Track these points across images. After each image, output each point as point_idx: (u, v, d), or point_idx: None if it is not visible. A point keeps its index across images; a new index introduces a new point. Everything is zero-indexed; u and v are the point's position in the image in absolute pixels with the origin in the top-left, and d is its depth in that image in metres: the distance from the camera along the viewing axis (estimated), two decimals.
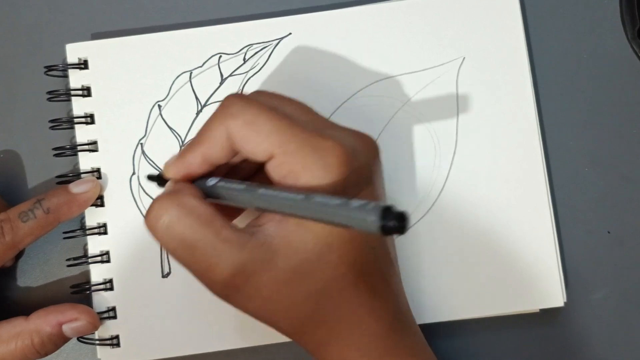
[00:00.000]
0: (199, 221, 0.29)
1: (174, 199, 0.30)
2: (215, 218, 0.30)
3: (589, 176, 0.41)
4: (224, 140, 0.31)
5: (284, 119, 0.30)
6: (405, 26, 0.40)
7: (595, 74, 0.41)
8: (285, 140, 0.30)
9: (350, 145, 0.31)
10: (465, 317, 0.39)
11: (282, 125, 0.30)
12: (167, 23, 0.42)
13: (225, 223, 0.30)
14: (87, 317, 0.37)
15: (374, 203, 0.26)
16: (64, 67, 0.40)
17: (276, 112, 0.30)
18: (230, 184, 0.31)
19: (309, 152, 0.30)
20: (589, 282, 0.40)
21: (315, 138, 0.30)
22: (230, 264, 0.29)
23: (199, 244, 0.29)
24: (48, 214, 0.37)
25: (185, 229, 0.29)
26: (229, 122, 0.30)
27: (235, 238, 0.29)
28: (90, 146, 0.40)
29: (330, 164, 0.29)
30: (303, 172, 0.30)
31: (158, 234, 0.30)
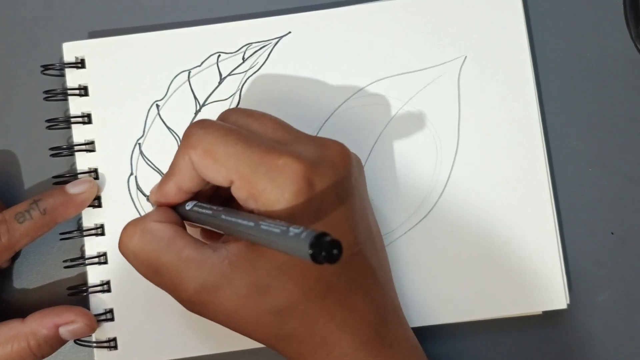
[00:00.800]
0: (160, 244, 0.31)
1: (138, 225, 0.32)
2: (177, 239, 0.31)
3: (592, 176, 0.41)
4: (190, 170, 0.32)
5: (240, 142, 0.31)
6: (406, 25, 0.40)
7: (599, 73, 0.41)
8: (240, 164, 0.30)
9: (311, 158, 0.31)
10: (467, 319, 0.38)
11: (237, 149, 0.30)
12: (166, 22, 0.42)
13: (187, 243, 0.31)
14: (84, 319, 0.37)
15: (306, 232, 0.26)
16: (60, 66, 0.40)
17: (234, 135, 0.31)
18: (202, 208, 0.33)
19: (263, 173, 0.30)
20: (592, 283, 0.40)
21: (269, 156, 0.30)
22: (193, 281, 0.31)
23: (164, 267, 0.31)
24: (44, 214, 0.37)
25: (149, 254, 0.32)
26: (190, 153, 0.31)
27: (196, 256, 0.31)
28: (88, 146, 0.39)
29: (284, 183, 0.30)
30: (259, 194, 0.30)
31: (128, 259, 0.33)
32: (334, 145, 0.32)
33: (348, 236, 0.32)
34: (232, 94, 0.40)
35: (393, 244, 0.39)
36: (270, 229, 0.28)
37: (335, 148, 0.32)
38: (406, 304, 0.38)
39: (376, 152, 0.39)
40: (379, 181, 0.37)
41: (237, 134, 0.31)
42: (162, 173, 0.40)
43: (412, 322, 0.38)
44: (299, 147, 0.31)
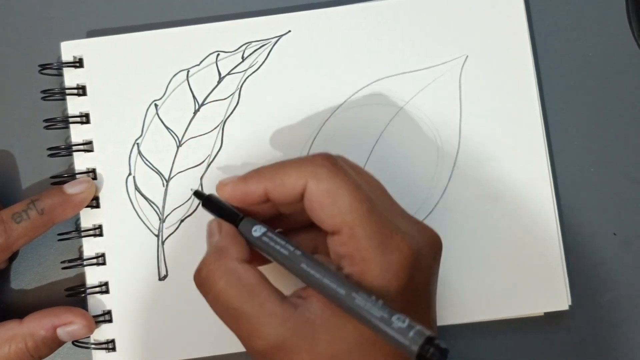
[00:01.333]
0: (244, 292, 0.30)
1: (222, 264, 0.31)
2: (261, 288, 0.30)
3: (594, 177, 0.41)
4: (296, 192, 0.31)
5: (365, 201, 0.30)
6: (407, 24, 0.40)
7: (601, 73, 0.41)
8: (357, 224, 0.30)
9: (417, 245, 0.31)
10: (468, 320, 0.38)
11: (360, 208, 0.30)
12: (164, 20, 0.42)
13: (270, 294, 0.30)
14: (82, 321, 0.37)
15: (416, 329, 0.27)
16: (58, 66, 0.40)
17: (358, 190, 0.31)
18: (274, 242, 0.32)
19: (375, 246, 0.30)
20: (594, 285, 0.40)
21: (385, 231, 0.30)
22: (272, 337, 0.30)
23: (244, 315, 0.30)
24: (42, 215, 0.37)
25: (232, 299, 0.30)
26: (310, 181, 0.31)
27: (279, 312, 0.30)
28: (86, 146, 0.39)
29: (391, 263, 0.30)
30: (362, 262, 0.30)
31: (207, 298, 0.31)
32: (432, 233, 0.33)
33: (429, 323, 0.32)
34: (231, 94, 0.40)
35: None
36: (368, 307, 0.28)
37: (433, 238, 0.32)
38: None
39: (376, 153, 0.39)
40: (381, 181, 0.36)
41: (365, 192, 0.31)
42: (160, 173, 0.40)
43: None
44: (406, 226, 0.31)
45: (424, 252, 0.31)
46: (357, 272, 0.30)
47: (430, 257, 0.32)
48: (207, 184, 0.39)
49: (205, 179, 0.39)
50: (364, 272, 0.30)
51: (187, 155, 0.40)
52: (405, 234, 0.31)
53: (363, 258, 0.30)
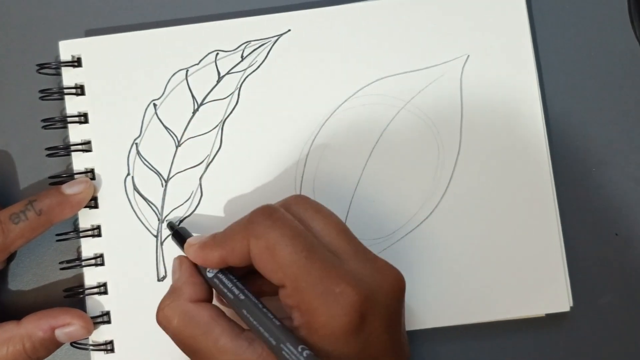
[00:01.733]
0: (198, 330, 0.32)
1: (176, 308, 0.33)
2: (214, 325, 0.32)
3: (596, 177, 0.41)
4: (244, 253, 0.32)
5: (305, 250, 0.31)
6: (408, 23, 0.40)
7: (603, 72, 0.41)
8: (299, 276, 0.30)
9: (368, 289, 0.31)
10: (469, 321, 0.38)
11: (299, 259, 0.30)
12: (163, 19, 0.42)
13: (223, 330, 0.32)
14: (81, 322, 0.37)
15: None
16: (56, 65, 0.40)
17: (300, 240, 0.31)
18: (222, 284, 0.34)
19: (319, 295, 0.30)
20: (595, 285, 0.40)
21: (328, 279, 0.30)
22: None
23: (200, 352, 0.32)
24: (40, 215, 0.37)
25: (187, 338, 0.32)
26: (251, 241, 0.32)
27: (231, 348, 0.31)
28: (84, 146, 0.39)
29: (337, 313, 0.30)
30: (307, 313, 0.30)
31: (168, 335, 0.34)
32: (390, 273, 0.33)
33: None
34: (230, 93, 0.40)
35: (393, 247, 0.39)
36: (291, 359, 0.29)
37: (392, 277, 0.32)
38: (407, 307, 0.38)
39: (377, 153, 0.39)
40: (380, 183, 0.37)
41: (304, 240, 0.31)
42: (159, 173, 0.39)
43: (413, 325, 0.38)
44: (357, 268, 0.31)
45: (379, 295, 0.31)
46: (305, 324, 0.31)
47: (390, 298, 0.32)
48: (206, 184, 0.39)
49: (205, 180, 0.39)
50: (310, 322, 0.30)
51: (186, 155, 0.40)
52: (353, 278, 0.31)
53: (308, 309, 0.30)
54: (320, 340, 0.30)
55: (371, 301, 0.31)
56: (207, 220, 0.39)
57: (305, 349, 0.29)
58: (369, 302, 0.31)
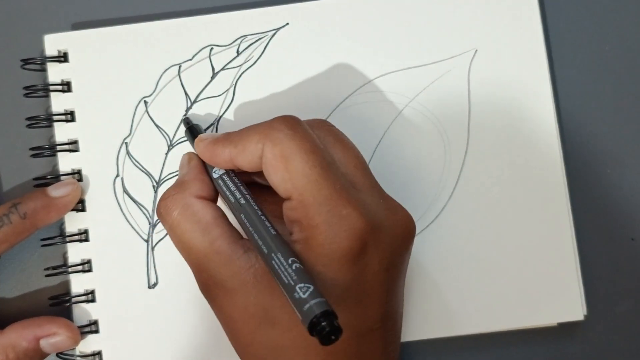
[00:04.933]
0: (197, 227, 0.32)
1: (180, 197, 0.33)
2: (214, 226, 0.32)
3: (611, 178, 0.41)
4: (255, 157, 0.32)
5: (318, 166, 0.31)
6: (412, 15, 0.40)
7: (618, 68, 0.41)
8: (308, 189, 0.30)
9: (376, 220, 0.31)
10: (477, 331, 0.38)
11: (312, 173, 0.31)
12: (155, 12, 0.41)
13: (221, 233, 0.32)
14: (67, 332, 0.37)
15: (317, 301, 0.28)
16: (41, 60, 0.40)
17: (317, 156, 0.31)
18: (226, 186, 0.34)
19: (324, 213, 0.30)
20: (611, 293, 0.40)
21: (338, 199, 0.30)
22: (215, 274, 0.32)
23: (194, 249, 0.32)
24: (24, 219, 0.37)
25: (184, 233, 0.33)
26: (266, 145, 0.32)
27: (226, 251, 0.32)
28: (71, 146, 0.39)
29: (338, 235, 0.30)
30: (308, 229, 0.30)
31: (165, 227, 0.34)
32: (403, 215, 0.33)
33: (373, 312, 0.32)
34: (225, 90, 0.40)
35: None
36: (281, 272, 0.29)
37: (403, 219, 0.33)
38: (414, 316, 0.38)
39: (380, 152, 0.39)
40: (383, 184, 0.36)
41: (321, 156, 0.31)
42: (150, 175, 0.39)
43: (420, 335, 0.38)
44: (369, 199, 0.32)
45: (385, 230, 0.31)
46: (304, 239, 0.31)
47: (396, 238, 0.32)
48: None
49: None
50: (309, 239, 0.30)
51: (179, 155, 0.39)
52: (363, 206, 0.31)
53: (310, 225, 0.30)
54: (315, 258, 0.30)
55: (376, 233, 0.31)
56: None
57: (296, 262, 0.29)
58: (373, 234, 0.31)
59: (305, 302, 0.28)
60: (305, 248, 0.31)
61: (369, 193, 0.32)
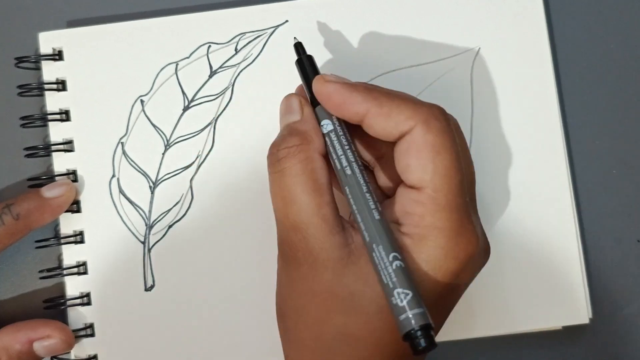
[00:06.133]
0: (311, 185, 0.31)
1: (305, 148, 0.31)
2: (327, 191, 0.31)
3: (616, 179, 0.40)
4: (397, 130, 0.30)
5: (461, 172, 0.30)
6: (414, 13, 0.40)
7: (624, 67, 0.41)
8: (446, 191, 0.30)
9: (480, 246, 0.31)
10: (482, 335, 0.38)
11: (456, 177, 0.30)
12: (151, 9, 0.41)
13: (330, 201, 0.31)
14: (61, 335, 0.37)
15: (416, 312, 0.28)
16: (36, 58, 0.40)
17: (458, 159, 0.30)
18: (333, 146, 0.32)
19: (454, 221, 0.30)
20: (616, 296, 0.40)
21: (465, 214, 0.30)
22: (310, 239, 0.30)
23: (298, 205, 0.31)
24: (18, 220, 0.37)
25: (296, 185, 0.31)
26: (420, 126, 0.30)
27: (331, 221, 0.30)
28: (66, 146, 0.39)
29: (456, 250, 0.30)
30: (428, 229, 0.30)
31: (272, 172, 0.32)
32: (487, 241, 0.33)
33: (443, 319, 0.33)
34: (223, 89, 0.40)
35: None
36: (379, 267, 0.29)
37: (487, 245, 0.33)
38: None
39: None
40: None
41: (462, 163, 0.31)
42: (147, 175, 0.39)
43: None
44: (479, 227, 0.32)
45: (479, 255, 0.31)
46: (418, 236, 0.30)
47: (480, 263, 0.32)
48: (197, 186, 0.39)
49: (196, 181, 0.39)
50: (425, 238, 0.30)
51: (175, 155, 0.39)
52: (479, 226, 0.31)
53: (433, 225, 0.29)
54: (423, 261, 0.30)
55: (476, 259, 0.31)
56: (199, 224, 0.39)
57: (398, 258, 0.29)
58: (474, 259, 0.31)
59: (404, 310, 0.28)
60: (416, 246, 0.30)
61: (475, 215, 0.32)
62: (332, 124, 0.32)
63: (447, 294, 0.30)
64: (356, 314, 0.30)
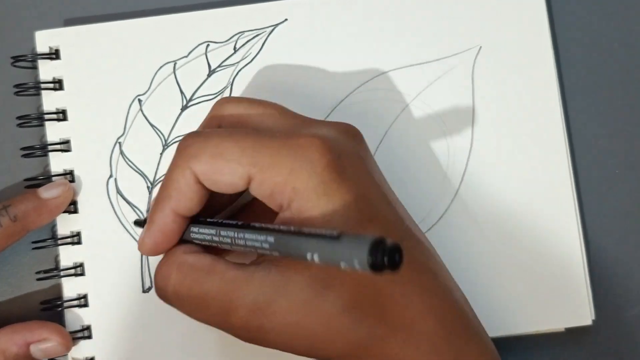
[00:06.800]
0: (201, 274, 0.30)
1: (170, 264, 0.31)
2: (216, 264, 0.31)
3: (620, 179, 0.40)
4: (192, 187, 0.31)
5: (249, 135, 0.30)
6: (414, 11, 0.40)
7: (627, 66, 0.41)
8: (258, 155, 0.30)
9: (328, 135, 0.31)
10: None
11: (249, 143, 0.30)
12: (149, 8, 0.41)
13: (228, 265, 0.30)
14: (58, 337, 0.37)
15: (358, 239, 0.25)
16: (32, 57, 0.39)
17: (241, 132, 0.31)
18: (200, 230, 0.32)
19: (286, 156, 0.30)
20: (620, 297, 0.40)
21: (288, 141, 0.30)
22: (243, 300, 0.30)
23: (208, 294, 0.30)
24: (15, 221, 0.37)
25: (191, 286, 0.30)
26: (192, 164, 0.31)
27: (242, 275, 0.30)
28: (63, 146, 0.39)
29: (312, 158, 0.29)
30: (288, 179, 0.30)
31: (171, 302, 0.32)
32: (344, 124, 0.33)
33: (391, 211, 0.31)
34: (222, 88, 0.40)
35: None
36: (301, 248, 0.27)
37: (349, 127, 0.33)
38: None
39: (381, 152, 0.39)
40: None
41: (243, 130, 0.31)
42: (145, 175, 0.39)
43: None
44: (313, 130, 0.31)
45: (339, 138, 0.31)
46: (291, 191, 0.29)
47: (349, 141, 0.32)
48: None
49: None
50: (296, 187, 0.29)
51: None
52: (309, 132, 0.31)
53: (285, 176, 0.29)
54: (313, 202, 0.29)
55: (338, 143, 0.30)
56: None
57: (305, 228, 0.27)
58: (336, 144, 0.30)
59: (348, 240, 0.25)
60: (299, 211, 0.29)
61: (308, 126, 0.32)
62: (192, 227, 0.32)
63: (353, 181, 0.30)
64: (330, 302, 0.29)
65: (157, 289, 0.32)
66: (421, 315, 0.30)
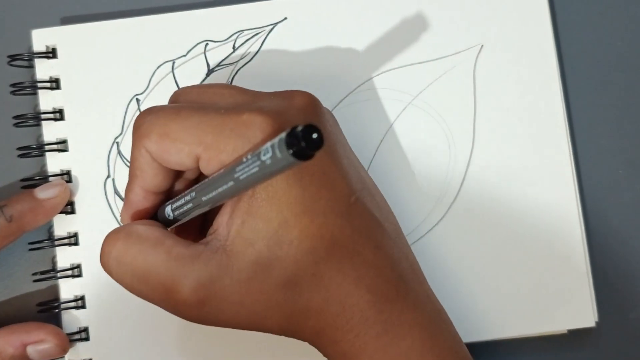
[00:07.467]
0: (147, 245, 0.31)
1: (120, 230, 0.31)
2: (165, 238, 0.31)
3: (623, 179, 0.40)
4: (151, 164, 0.31)
5: (195, 113, 0.31)
6: (416, 10, 0.40)
7: (631, 64, 0.41)
8: (201, 133, 0.30)
9: (276, 109, 0.31)
10: (486, 338, 0.38)
11: (193, 121, 0.30)
12: (147, 6, 0.41)
13: (176, 241, 0.31)
14: (55, 339, 0.37)
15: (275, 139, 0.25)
16: (29, 56, 0.40)
17: (186, 109, 0.31)
18: (179, 207, 0.32)
19: (229, 133, 0.30)
20: (624, 298, 0.40)
21: (230, 117, 0.30)
22: (187, 279, 0.30)
23: (151, 268, 0.30)
24: (11, 222, 0.37)
25: (135, 257, 0.30)
26: (144, 143, 0.31)
27: (188, 253, 0.30)
28: (60, 145, 0.39)
29: (254, 135, 0.30)
30: (230, 156, 0.30)
31: (111, 271, 0.31)
32: (298, 93, 0.33)
33: (339, 183, 0.31)
34: None
35: None
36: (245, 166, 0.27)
37: (301, 95, 0.32)
38: None
39: (382, 152, 0.39)
40: (384, 186, 0.36)
41: (189, 107, 0.31)
42: None
43: None
44: (261, 104, 0.31)
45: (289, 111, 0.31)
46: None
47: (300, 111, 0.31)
48: None
49: None
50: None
51: None
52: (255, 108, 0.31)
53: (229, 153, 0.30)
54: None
55: (283, 116, 0.30)
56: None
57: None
58: (281, 118, 0.30)
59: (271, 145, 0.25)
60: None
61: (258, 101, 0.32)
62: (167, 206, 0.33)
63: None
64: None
65: (101, 254, 0.32)
66: (356, 289, 0.30)
